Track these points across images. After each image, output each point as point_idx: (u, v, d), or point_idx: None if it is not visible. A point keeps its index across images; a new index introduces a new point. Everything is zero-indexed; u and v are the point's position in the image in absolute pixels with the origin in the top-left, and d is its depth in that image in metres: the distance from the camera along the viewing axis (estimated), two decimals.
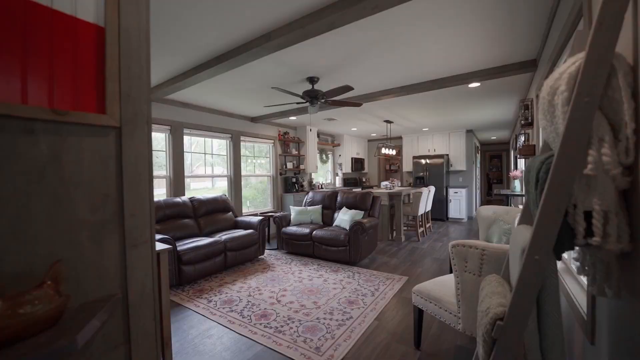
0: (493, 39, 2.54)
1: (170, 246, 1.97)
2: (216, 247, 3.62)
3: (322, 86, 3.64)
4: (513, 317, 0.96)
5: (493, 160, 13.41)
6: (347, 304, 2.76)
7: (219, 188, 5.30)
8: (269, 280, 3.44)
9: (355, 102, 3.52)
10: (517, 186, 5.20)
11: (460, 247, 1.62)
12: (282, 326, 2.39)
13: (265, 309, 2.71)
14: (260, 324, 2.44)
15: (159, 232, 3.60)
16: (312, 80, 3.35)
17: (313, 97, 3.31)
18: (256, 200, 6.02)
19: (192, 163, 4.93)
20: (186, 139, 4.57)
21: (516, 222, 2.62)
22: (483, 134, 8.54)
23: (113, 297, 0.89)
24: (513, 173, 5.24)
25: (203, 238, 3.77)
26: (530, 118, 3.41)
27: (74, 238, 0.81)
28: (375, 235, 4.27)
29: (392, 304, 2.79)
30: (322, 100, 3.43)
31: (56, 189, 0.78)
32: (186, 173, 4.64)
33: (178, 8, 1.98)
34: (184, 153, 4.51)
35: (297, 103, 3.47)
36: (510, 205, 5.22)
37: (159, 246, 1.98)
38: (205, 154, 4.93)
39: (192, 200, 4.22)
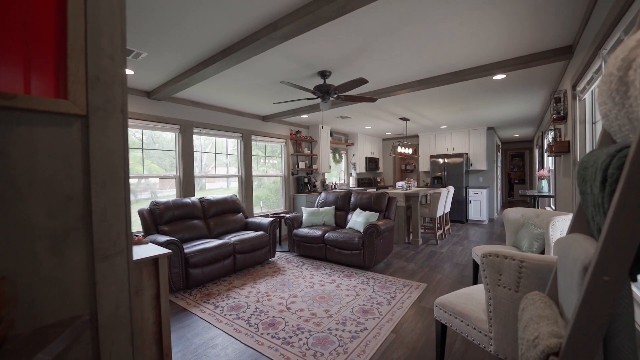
0: (523, 23, 2.28)
1: (169, 251, 1.84)
2: (225, 250, 3.50)
3: (334, 81, 3.46)
4: (573, 352, 0.75)
5: (514, 160, 12.81)
6: (361, 313, 2.56)
7: (234, 188, 5.23)
8: (278, 284, 3.29)
9: (369, 97, 3.32)
10: (545, 186, 4.85)
11: (494, 257, 1.39)
12: (290, 337, 2.22)
13: (273, 316, 2.56)
14: (268, 333, 2.28)
15: (166, 234, 3.52)
16: (323, 74, 3.17)
17: (324, 92, 3.13)
18: (269, 201, 5.91)
19: (207, 163, 4.87)
20: (198, 138, 4.49)
21: (551, 227, 2.35)
22: (505, 131, 8.11)
23: (78, 319, 0.74)
24: (540, 172, 4.88)
25: (212, 240, 3.66)
26: (563, 112, 3.10)
27: (27, 249, 0.67)
28: (391, 238, 4.04)
29: (410, 314, 2.57)
30: (334, 96, 3.24)
31: (2, 189, 0.63)
32: (200, 173, 4.57)
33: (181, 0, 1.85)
34: (194, 153, 4.44)
35: (308, 99, 3.30)
36: (538, 207, 4.86)
37: (158, 251, 1.85)
38: (216, 153, 4.85)
39: (201, 200, 4.13)
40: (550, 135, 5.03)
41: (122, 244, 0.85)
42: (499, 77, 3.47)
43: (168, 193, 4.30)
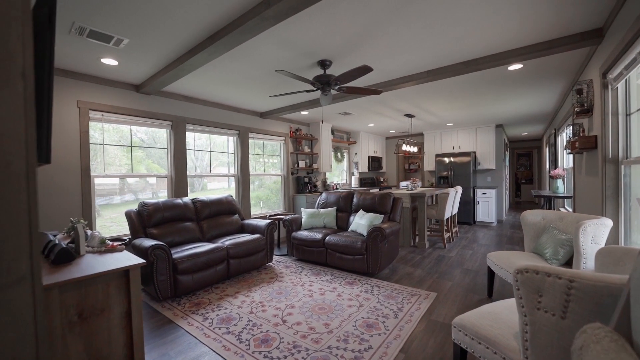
0: (546, 3, 2.00)
1: (142, 261, 1.58)
2: (218, 254, 3.24)
3: (335, 71, 3.19)
4: None
5: (521, 159, 12.47)
6: (365, 328, 2.29)
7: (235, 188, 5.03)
8: (275, 293, 3.02)
9: (373, 90, 3.05)
10: (560, 186, 4.55)
11: (532, 274, 1.12)
12: (285, 357, 1.96)
13: (267, 331, 2.29)
14: (260, 352, 2.02)
15: (155, 237, 3.27)
16: (323, 64, 2.91)
17: (325, 84, 2.87)
18: (270, 201, 5.66)
19: (208, 163, 4.65)
20: (197, 136, 4.24)
21: (581, 233, 2.06)
22: (513, 129, 7.80)
23: None
24: (555, 172, 4.59)
25: (205, 243, 3.41)
26: (587, 104, 2.82)
27: None
28: (396, 242, 3.77)
29: (420, 329, 2.30)
30: (336, 88, 2.98)
31: None
32: (197, 173, 4.32)
33: None
34: (187, 151, 4.19)
35: (307, 91, 3.04)
36: (553, 208, 4.57)
37: (131, 260, 1.59)
38: (210, 151, 4.60)
39: (194, 201, 3.87)
40: (567, 132, 4.74)
41: (23, 268, 0.59)
42: (515, 67, 3.19)
43: (159, 194, 4.06)
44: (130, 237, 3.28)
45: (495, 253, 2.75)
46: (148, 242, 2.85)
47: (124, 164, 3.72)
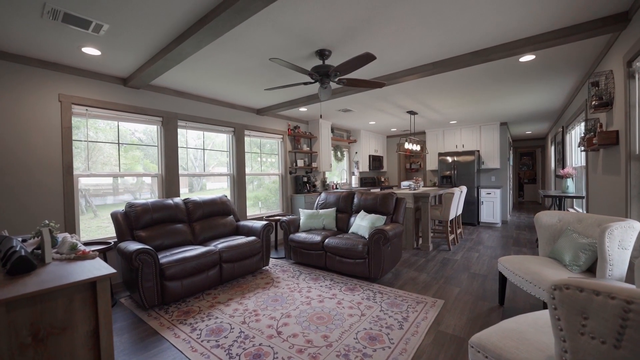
0: None
1: (113, 271, 1.37)
2: (209, 258, 3.04)
3: (335, 62, 2.98)
4: None
5: (523, 158, 12.28)
6: (367, 341, 2.09)
7: None
8: (270, 300, 2.82)
9: (376, 82, 2.84)
10: (570, 186, 4.35)
11: (574, 290, 0.92)
12: None
13: (260, 344, 2.09)
14: None
15: (143, 240, 3.06)
16: (322, 54, 2.70)
17: (323, 75, 2.66)
18: (269, 201, 5.47)
19: (207, 162, 4.48)
20: (194, 134, 4.04)
21: (607, 237, 1.86)
22: (518, 127, 7.60)
23: None
24: (565, 171, 4.39)
25: (196, 247, 3.20)
26: (607, 96, 2.61)
27: None
28: (399, 244, 3.56)
29: (427, 342, 2.09)
30: (335, 80, 2.77)
31: None
32: (193, 172, 4.12)
33: None
34: (179, 148, 3.98)
35: (305, 84, 2.83)
36: (563, 209, 4.37)
37: (100, 270, 1.39)
38: (204, 149, 4.39)
39: (186, 202, 3.67)
40: (578, 128, 4.53)
41: None
42: (527, 58, 2.99)
43: (148, 195, 3.85)
44: (116, 240, 3.08)
45: (507, 258, 2.54)
46: (133, 246, 2.65)
47: (121, 164, 3.58)
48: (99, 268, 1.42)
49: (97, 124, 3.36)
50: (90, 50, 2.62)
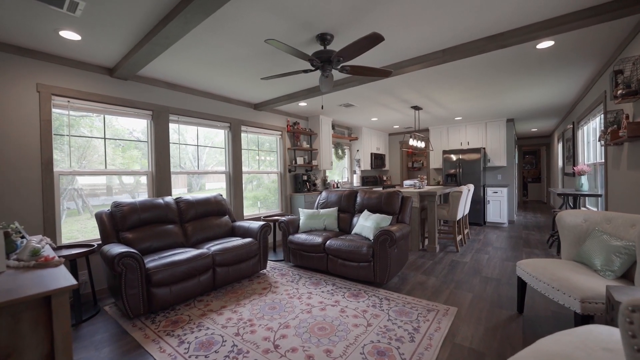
0: None
1: (73, 282, 1.14)
2: (201, 262, 2.80)
3: (338, 47, 2.75)
4: None
5: (526, 157, 12.05)
6: (375, 356, 1.86)
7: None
8: (267, 308, 2.58)
9: (383, 70, 2.61)
10: (585, 184, 4.12)
11: None
12: None
13: None
14: None
15: (129, 242, 2.83)
16: (323, 39, 2.47)
17: (325, 61, 2.43)
18: (268, 201, 5.23)
19: (207, 162, 4.28)
20: (185, 129, 3.80)
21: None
22: (524, 124, 7.37)
23: None
24: (579, 168, 4.16)
25: (188, 249, 2.97)
26: (636, 84, 2.38)
27: None
28: (406, 246, 3.33)
29: (443, 357, 1.86)
30: (338, 67, 2.54)
31: None
32: (198, 170, 3.88)
33: None
34: (170, 144, 3.75)
35: (305, 71, 2.59)
36: (578, 207, 4.13)
37: (58, 281, 1.15)
38: (198, 146, 4.15)
39: (177, 201, 3.43)
40: (594, 122, 4.31)
41: None
42: (545, 44, 2.76)
43: (140, 193, 3.61)
44: (100, 242, 2.85)
45: (527, 262, 2.31)
46: (117, 249, 2.41)
47: (117, 163, 3.40)
48: (57, 279, 1.19)
49: (92, 121, 3.15)
50: (69, 35, 2.38)
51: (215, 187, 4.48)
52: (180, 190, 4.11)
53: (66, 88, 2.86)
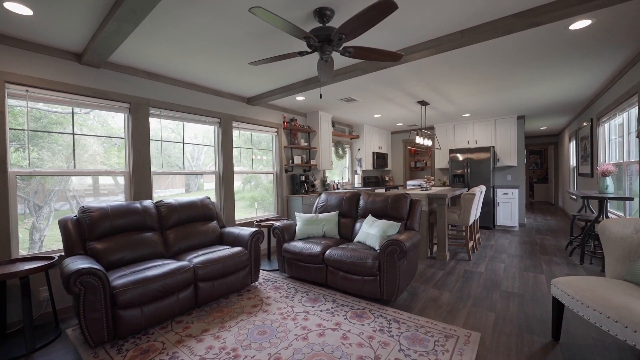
0: None
1: None
2: (180, 278, 2.41)
3: (339, 24, 2.36)
4: None
5: (532, 157, 11.68)
6: None
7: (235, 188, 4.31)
8: (256, 332, 2.19)
9: (391, 52, 2.22)
10: (610, 185, 3.74)
11: None
12: None
13: None
14: None
15: (98, 254, 2.44)
16: (322, 14, 2.08)
17: (324, 41, 2.04)
18: (266, 202, 4.86)
19: (205, 162, 3.92)
20: (173, 125, 3.41)
21: None
22: (534, 122, 6.99)
23: None
24: (604, 168, 3.77)
25: (167, 261, 2.58)
26: None
27: None
28: (416, 256, 2.95)
29: None
30: (340, 49, 2.15)
31: None
32: (180, 170, 3.49)
33: None
34: (151, 141, 3.35)
35: (300, 54, 2.20)
36: (605, 214, 3.74)
37: None
38: (184, 143, 3.76)
39: (158, 205, 3.05)
40: (620, 118, 3.92)
41: None
42: (582, 23, 2.37)
43: (115, 198, 3.21)
44: (62, 254, 2.45)
45: (567, 280, 1.92)
46: (76, 264, 2.02)
47: (112, 163, 3.10)
48: None
49: (84, 119, 2.77)
50: (17, 7, 1.98)
51: (212, 188, 4.12)
52: (178, 190, 3.82)
53: (25, 75, 2.47)
